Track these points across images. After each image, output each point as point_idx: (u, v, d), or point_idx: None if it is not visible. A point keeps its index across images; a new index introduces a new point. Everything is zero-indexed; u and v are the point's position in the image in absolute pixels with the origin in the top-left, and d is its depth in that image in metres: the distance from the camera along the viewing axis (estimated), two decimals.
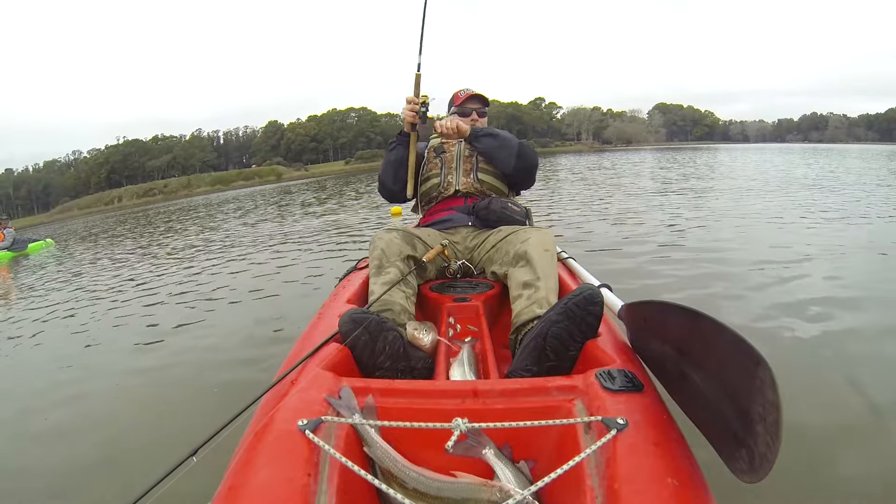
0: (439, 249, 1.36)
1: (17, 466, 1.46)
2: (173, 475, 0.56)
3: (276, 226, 7.30)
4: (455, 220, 1.51)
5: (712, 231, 3.81)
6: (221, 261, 4.72)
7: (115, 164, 58.41)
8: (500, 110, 64.49)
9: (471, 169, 1.59)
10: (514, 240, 1.25)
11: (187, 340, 2.45)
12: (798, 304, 2.05)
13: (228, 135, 67.08)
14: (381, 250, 1.22)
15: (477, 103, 1.68)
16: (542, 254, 1.13)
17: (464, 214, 1.52)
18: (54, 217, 46.23)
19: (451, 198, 1.58)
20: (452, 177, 1.59)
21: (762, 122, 79.61)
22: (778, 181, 7.67)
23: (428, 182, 1.63)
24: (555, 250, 1.21)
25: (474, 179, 1.58)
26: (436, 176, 1.62)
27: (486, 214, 1.48)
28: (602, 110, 69.51)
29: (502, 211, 1.47)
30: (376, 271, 1.19)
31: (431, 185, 1.62)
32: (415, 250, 1.29)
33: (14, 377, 2.34)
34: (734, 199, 5.67)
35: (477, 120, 1.66)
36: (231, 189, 42.34)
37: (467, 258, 1.42)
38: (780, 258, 2.80)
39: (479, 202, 1.51)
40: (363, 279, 1.36)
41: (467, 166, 1.60)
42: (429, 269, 1.35)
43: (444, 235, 1.46)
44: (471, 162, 1.60)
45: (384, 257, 1.21)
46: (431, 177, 1.63)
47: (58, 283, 4.92)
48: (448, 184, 1.59)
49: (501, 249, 1.29)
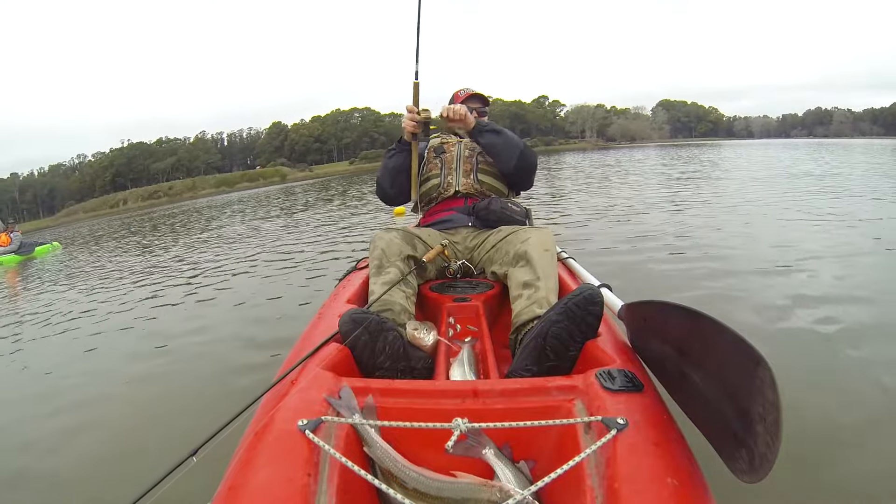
0: (439, 249, 1.36)
1: (18, 467, 1.47)
2: (173, 475, 0.57)
3: (277, 227, 7.34)
4: (455, 221, 1.51)
5: (715, 229, 3.78)
6: (224, 262, 4.75)
7: (120, 167, 58.98)
8: (503, 109, 64.45)
9: (471, 170, 1.59)
10: (513, 240, 1.25)
11: (188, 341, 2.46)
12: (803, 302, 2.04)
13: (232, 136, 67.53)
14: (382, 250, 1.22)
15: (477, 103, 1.67)
16: (542, 254, 1.13)
17: (464, 215, 1.52)
18: (60, 220, 46.66)
19: (451, 198, 1.58)
20: (452, 177, 1.59)
21: (766, 117, 79.58)
22: (783, 177, 7.60)
23: (428, 183, 1.62)
24: (555, 250, 1.21)
25: (474, 180, 1.58)
26: (435, 177, 1.61)
27: (486, 214, 1.48)
28: (606, 108, 69.32)
29: (502, 211, 1.46)
30: (376, 271, 1.19)
31: (431, 185, 1.61)
32: (415, 250, 1.29)
33: (17, 379, 2.36)
34: (739, 196, 5.63)
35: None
36: (235, 191, 42.58)
37: (467, 258, 1.42)
38: (786, 256, 2.78)
39: (479, 202, 1.51)
40: (363, 279, 1.36)
41: (467, 167, 1.59)
42: (429, 269, 1.35)
43: (444, 235, 1.46)
44: (471, 163, 1.59)
45: (384, 257, 1.21)
46: (431, 177, 1.62)
47: (62, 286, 4.97)
48: (448, 184, 1.59)
49: (501, 249, 1.29)
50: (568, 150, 44.74)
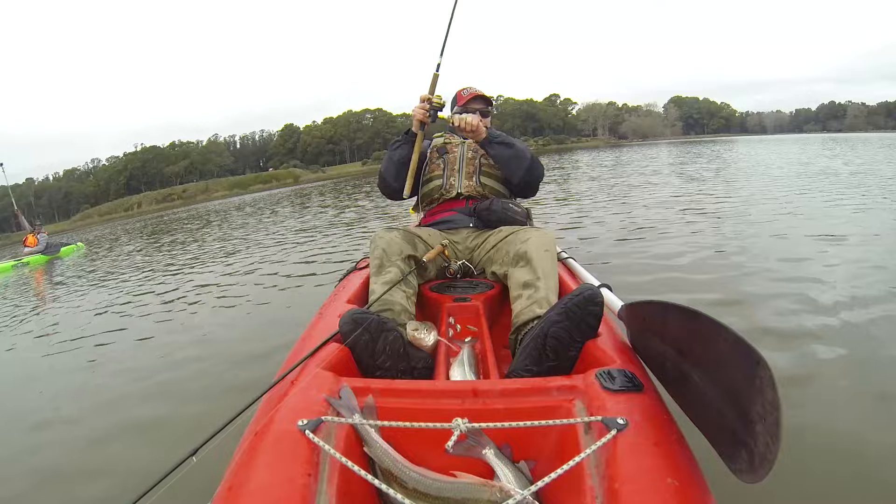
0: (439, 249, 1.36)
1: (18, 467, 1.48)
2: (173, 475, 0.57)
3: (286, 227, 7.38)
4: (456, 222, 1.51)
5: (727, 227, 3.68)
6: (233, 263, 4.80)
7: (134, 171, 59.80)
8: (515, 107, 64.38)
9: (473, 172, 1.58)
10: (514, 240, 1.25)
11: (192, 339, 2.48)
12: (814, 303, 1.98)
13: (245, 139, 68.20)
14: (383, 250, 1.22)
15: (481, 104, 1.65)
16: (543, 254, 1.13)
17: (465, 215, 1.52)
18: (75, 224, 47.25)
19: (453, 199, 1.58)
20: (455, 179, 1.58)
21: (779, 112, 78.53)
22: (799, 173, 7.37)
23: (430, 183, 1.62)
24: (555, 250, 1.21)
25: (477, 183, 1.57)
26: (438, 178, 1.60)
27: (487, 215, 1.48)
28: (617, 105, 68.93)
29: (503, 212, 1.46)
30: (377, 271, 1.19)
31: (433, 186, 1.61)
32: (415, 250, 1.29)
33: (21, 376, 2.41)
34: (752, 194, 5.47)
35: (481, 121, 1.64)
36: (249, 193, 42.80)
37: (467, 258, 1.42)
38: (802, 256, 2.69)
39: (481, 203, 1.51)
40: (363, 279, 1.36)
41: (470, 169, 1.58)
42: (429, 269, 1.35)
43: (445, 235, 1.46)
44: (473, 164, 1.59)
45: (385, 257, 1.21)
46: (433, 178, 1.61)
47: (85, 284, 5.15)
48: (450, 186, 1.58)
49: (501, 249, 1.29)
50: (580, 148, 44.18)
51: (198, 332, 2.60)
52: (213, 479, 0.59)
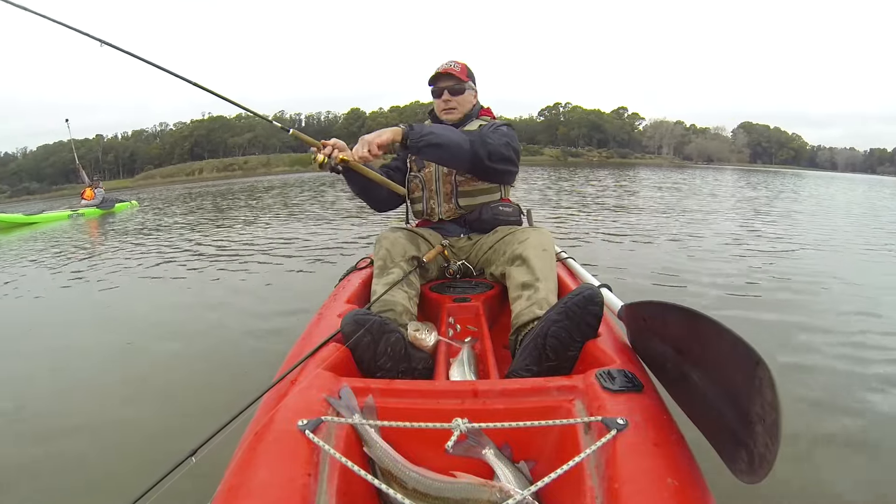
0: (439, 250, 1.36)
1: (18, 465, 1.45)
2: (173, 475, 0.57)
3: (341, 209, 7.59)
4: (450, 231, 1.46)
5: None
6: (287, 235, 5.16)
7: (199, 138, 61.25)
8: (581, 116, 64.32)
9: (451, 192, 1.43)
10: (511, 240, 1.25)
11: (196, 337, 2.46)
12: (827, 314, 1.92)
13: (310, 118, 68.43)
14: (387, 250, 1.22)
15: (448, 81, 1.43)
16: (541, 254, 1.13)
17: (458, 227, 1.47)
18: (138, 182, 49.19)
19: (439, 221, 1.48)
20: (434, 202, 1.46)
21: (853, 149, 75.18)
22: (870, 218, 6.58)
23: (413, 205, 1.53)
24: (553, 250, 1.21)
25: (455, 206, 1.43)
26: (418, 200, 1.49)
27: (479, 225, 1.44)
28: (685, 125, 67.66)
29: (495, 217, 1.43)
30: (380, 271, 1.19)
31: (417, 209, 1.51)
32: (419, 250, 1.29)
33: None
34: (823, 235, 4.82)
35: (450, 100, 1.44)
36: (308, 171, 42.64)
37: (466, 258, 1.42)
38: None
39: (470, 214, 1.45)
40: (363, 279, 1.36)
41: (447, 188, 1.44)
42: (430, 270, 1.35)
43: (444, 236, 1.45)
44: (450, 182, 1.42)
45: (388, 257, 1.21)
46: (415, 200, 1.51)
47: (131, 242, 5.56)
48: (431, 210, 1.47)
49: (499, 250, 1.29)
50: (644, 165, 42.67)
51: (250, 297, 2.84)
52: (213, 479, 0.59)
